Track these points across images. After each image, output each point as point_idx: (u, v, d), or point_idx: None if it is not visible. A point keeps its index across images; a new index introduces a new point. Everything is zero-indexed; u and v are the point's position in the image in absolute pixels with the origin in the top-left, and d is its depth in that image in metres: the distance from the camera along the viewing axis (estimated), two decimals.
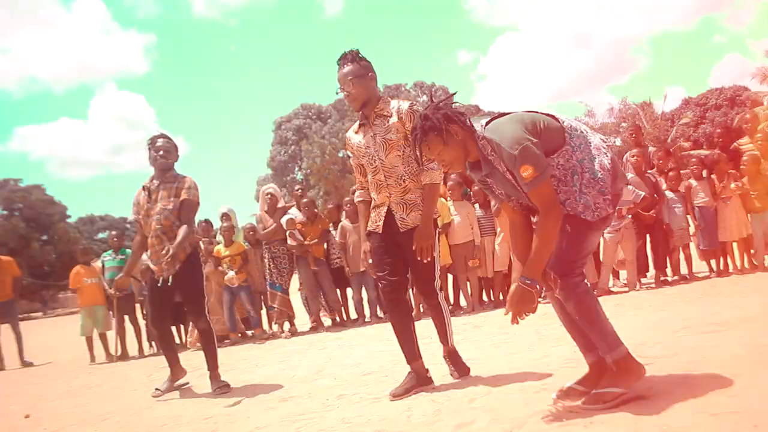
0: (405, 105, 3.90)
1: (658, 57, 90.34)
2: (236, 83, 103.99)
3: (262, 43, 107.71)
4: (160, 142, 4.99)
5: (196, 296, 5.00)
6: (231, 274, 8.36)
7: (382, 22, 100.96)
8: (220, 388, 4.84)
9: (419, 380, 3.85)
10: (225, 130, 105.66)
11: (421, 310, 7.87)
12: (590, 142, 2.94)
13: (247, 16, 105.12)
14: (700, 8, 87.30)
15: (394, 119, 3.84)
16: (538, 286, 2.84)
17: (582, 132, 2.97)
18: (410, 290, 6.04)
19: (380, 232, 3.91)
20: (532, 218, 3.12)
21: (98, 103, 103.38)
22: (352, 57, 3.85)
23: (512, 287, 2.92)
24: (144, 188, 5.01)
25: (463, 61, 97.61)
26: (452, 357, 4.10)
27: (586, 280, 2.95)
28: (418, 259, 3.78)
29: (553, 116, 2.99)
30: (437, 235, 3.93)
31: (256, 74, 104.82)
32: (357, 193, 4.15)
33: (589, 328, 2.92)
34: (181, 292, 4.97)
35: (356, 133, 4.04)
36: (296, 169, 48.61)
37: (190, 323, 8.31)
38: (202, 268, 5.16)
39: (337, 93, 3.92)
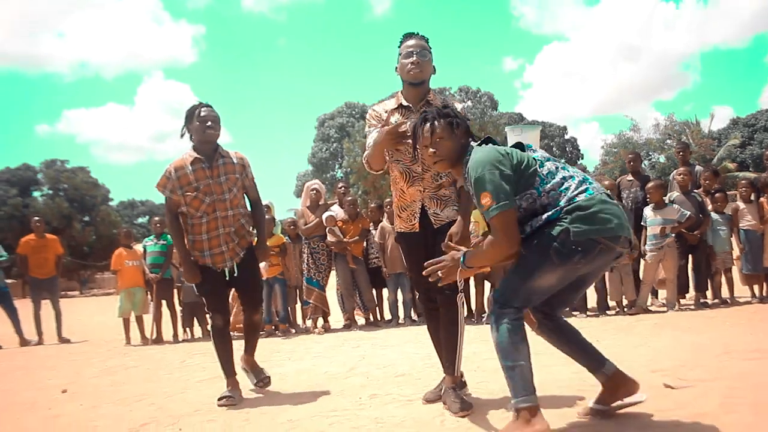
0: (459, 105, 3.68)
1: (708, 74, 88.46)
2: (281, 78, 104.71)
3: (309, 39, 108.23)
4: (205, 111, 4.31)
5: (256, 286, 4.63)
6: (263, 264, 8.42)
7: (430, 24, 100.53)
8: (263, 380, 4.64)
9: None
10: (268, 123, 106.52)
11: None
12: (568, 191, 2.80)
13: (295, 11, 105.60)
14: (755, 26, 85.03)
15: None
16: (467, 269, 2.97)
17: (562, 180, 2.84)
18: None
19: (417, 230, 3.71)
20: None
21: (145, 91, 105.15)
22: (424, 37, 3.74)
23: (453, 254, 3.04)
24: (196, 161, 4.30)
25: (508, 68, 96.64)
26: (455, 392, 3.54)
27: (520, 317, 2.83)
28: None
29: (534, 160, 2.90)
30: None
31: (302, 70, 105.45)
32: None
33: (502, 365, 2.80)
34: (241, 281, 4.42)
35: (390, 113, 3.79)
36: (337, 166, 48.79)
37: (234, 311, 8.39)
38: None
39: (399, 53, 3.70)
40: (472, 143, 3.09)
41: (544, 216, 2.79)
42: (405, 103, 3.74)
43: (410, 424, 3.29)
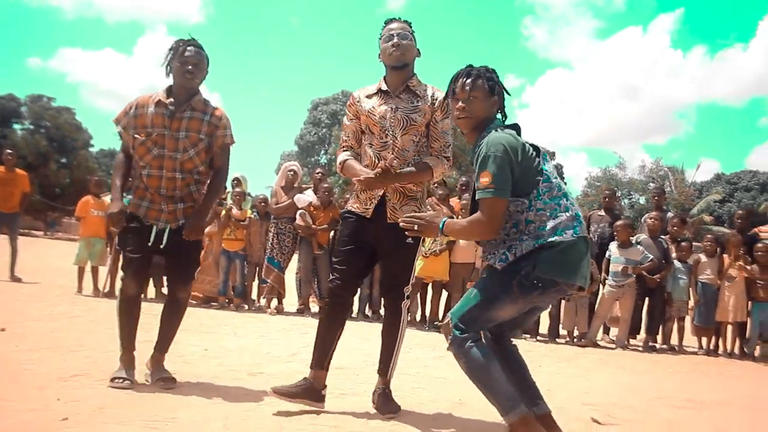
0: (441, 93, 3.48)
1: (701, 126, 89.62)
2: (285, 55, 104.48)
3: (320, 21, 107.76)
4: (189, 51, 3.72)
5: (192, 261, 4.00)
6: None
7: (439, 29, 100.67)
8: (164, 381, 3.71)
9: (310, 393, 3.45)
10: (261, 98, 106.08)
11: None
12: (557, 218, 2.78)
13: None
14: (754, 89, 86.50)
15: (425, 102, 3.52)
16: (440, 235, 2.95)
17: (556, 205, 2.81)
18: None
19: (369, 217, 3.50)
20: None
21: (145, 43, 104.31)
22: (406, 21, 3.61)
23: (435, 216, 2.97)
24: (160, 104, 3.74)
25: (509, 86, 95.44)
26: (385, 394, 3.53)
27: (480, 340, 2.84)
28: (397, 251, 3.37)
29: (541, 171, 2.85)
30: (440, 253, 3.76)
31: (306, 50, 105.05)
32: (343, 154, 3.65)
33: (479, 388, 2.81)
34: (174, 251, 3.81)
35: (369, 97, 3.62)
36: (322, 152, 48.63)
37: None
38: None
39: (380, 38, 3.56)
40: (499, 118, 3.03)
41: (523, 245, 2.77)
42: (384, 88, 3.59)
43: (336, 415, 3.31)
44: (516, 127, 2.98)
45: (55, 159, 42.28)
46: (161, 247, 3.77)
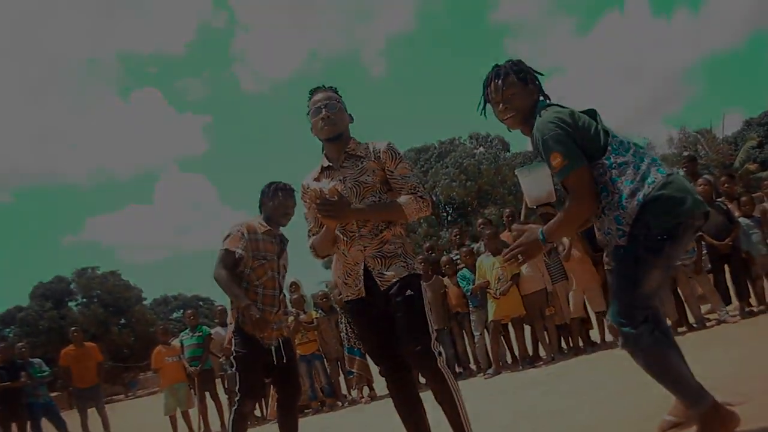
0: (383, 144, 3.36)
1: (712, 81, 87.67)
2: (292, 152, 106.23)
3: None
4: (293, 200, 4.34)
5: (297, 369, 4.44)
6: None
7: (428, 78, 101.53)
8: None
9: None
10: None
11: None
12: (640, 168, 2.74)
13: (294, 86, 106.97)
14: (748, 24, 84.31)
15: (369, 160, 3.32)
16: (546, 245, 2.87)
17: (633, 156, 2.78)
18: None
19: (363, 296, 3.29)
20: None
21: (162, 187, 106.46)
22: (331, 88, 3.52)
23: (529, 234, 2.88)
24: (269, 233, 4.27)
25: None
26: None
27: (654, 327, 2.74)
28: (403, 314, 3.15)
29: (604, 130, 2.83)
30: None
31: (311, 141, 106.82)
32: (311, 239, 3.46)
33: (663, 384, 2.73)
34: (283, 365, 4.22)
35: (317, 180, 3.44)
36: None
37: (272, 394, 8.29)
38: None
39: (309, 112, 3.43)
40: (542, 100, 3.02)
41: (628, 210, 2.71)
42: (327, 164, 3.43)
43: None
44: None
45: (115, 322, 43.26)
46: (275, 364, 4.14)
